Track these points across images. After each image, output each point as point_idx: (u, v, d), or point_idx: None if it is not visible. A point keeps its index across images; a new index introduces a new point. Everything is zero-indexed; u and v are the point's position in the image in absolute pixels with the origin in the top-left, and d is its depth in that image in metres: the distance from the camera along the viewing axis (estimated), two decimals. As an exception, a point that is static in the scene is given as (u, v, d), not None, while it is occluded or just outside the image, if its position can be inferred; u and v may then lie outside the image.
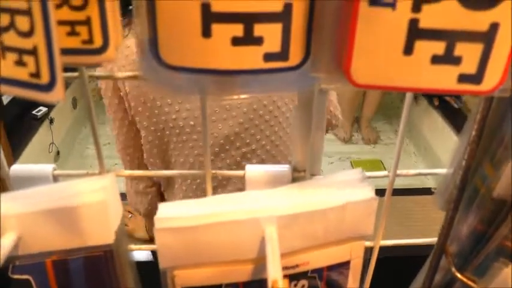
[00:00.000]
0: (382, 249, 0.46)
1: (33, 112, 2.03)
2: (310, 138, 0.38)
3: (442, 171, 0.44)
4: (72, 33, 0.27)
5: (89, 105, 0.37)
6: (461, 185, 0.39)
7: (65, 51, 0.26)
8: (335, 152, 2.37)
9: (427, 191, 1.60)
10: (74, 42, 0.28)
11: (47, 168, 0.41)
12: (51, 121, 2.05)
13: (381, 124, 2.62)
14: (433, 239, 0.45)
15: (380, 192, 0.39)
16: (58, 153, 2.13)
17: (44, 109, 2.04)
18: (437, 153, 2.21)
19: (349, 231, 0.39)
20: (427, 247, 0.47)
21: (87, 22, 0.27)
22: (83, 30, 0.27)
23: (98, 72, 0.37)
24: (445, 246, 0.42)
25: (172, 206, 0.38)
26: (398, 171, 0.43)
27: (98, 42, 0.28)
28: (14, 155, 1.70)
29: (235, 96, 0.32)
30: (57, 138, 2.08)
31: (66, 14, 0.27)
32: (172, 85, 0.32)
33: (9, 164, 0.42)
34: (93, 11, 0.27)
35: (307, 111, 0.37)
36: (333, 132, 2.52)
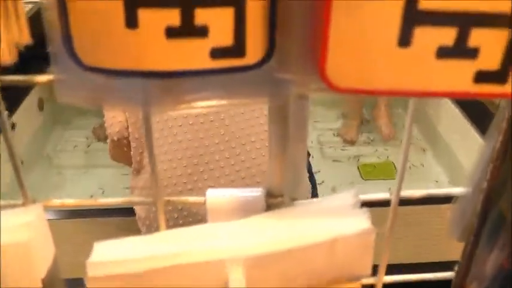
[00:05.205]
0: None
1: (-7, 116, 2.00)
2: (287, 153, 0.34)
3: (459, 191, 0.42)
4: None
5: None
6: (482, 210, 0.37)
7: None
8: (340, 156, 2.34)
9: (446, 200, 1.56)
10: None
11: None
12: (13, 126, 2.02)
13: (394, 120, 2.58)
14: (449, 274, 0.43)
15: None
16: (22, 162, 2.09)
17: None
18: (453, 149, 2.17)
19: (340, 273, 0.37)
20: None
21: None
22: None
23: None
24: (464, 286, 0.39)
25: (112, 245, 0.35)
26: (402, 193, 0.40)
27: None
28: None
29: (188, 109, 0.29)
30: (20, 146, 2.05)
31: None
32: (100, 94, 0.29)
33: None
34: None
35: (280, 120, 0.33)
36: (339, 133, 2.49)
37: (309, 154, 1.40)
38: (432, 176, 2.23)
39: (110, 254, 0.34)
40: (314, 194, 1.18)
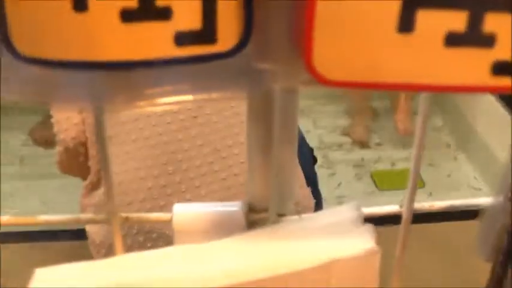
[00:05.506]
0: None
1: None
2: (271, 158, 0.36)
3: (486, 201, 0.44)
4: None
5: None
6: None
7: None
8: (348, 160, 2.36)
9: (475, 214, 1.58)
10: None
11: None
12: None
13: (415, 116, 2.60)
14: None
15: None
16: None
17: None
18: (493, 151, 2.19)
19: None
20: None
21: None
22: None
23: None
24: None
25: (56, 271, 0.35)
26: (417, 205, 0.41)
27: None
28: None
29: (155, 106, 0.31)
30: None
31: None
32: (41, 88, 0.30)
33: None
34: None
35: (262, 118, 0.35)
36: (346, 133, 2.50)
37: (315, 161, 1.39)
38: (468, 184, 2.25)
39: (52, 283, 0.35)
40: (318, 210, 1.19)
